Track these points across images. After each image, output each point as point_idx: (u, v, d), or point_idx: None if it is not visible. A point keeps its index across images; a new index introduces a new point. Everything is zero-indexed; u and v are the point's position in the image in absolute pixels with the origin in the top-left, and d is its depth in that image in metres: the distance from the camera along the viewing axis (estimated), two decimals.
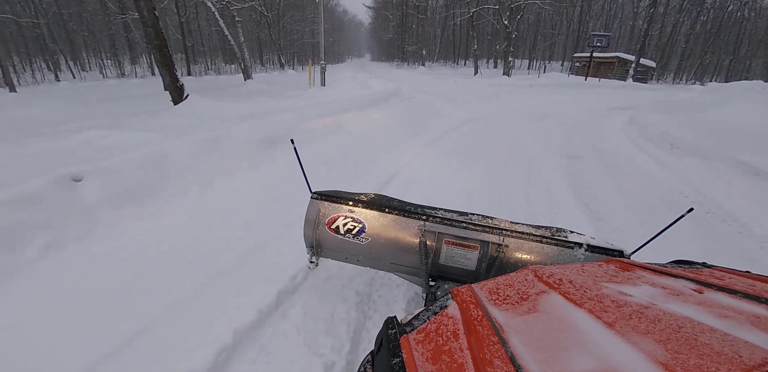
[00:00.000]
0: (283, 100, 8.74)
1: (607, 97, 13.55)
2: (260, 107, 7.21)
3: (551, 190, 4.34)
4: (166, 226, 2.94)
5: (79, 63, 28.18)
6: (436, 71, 33.50)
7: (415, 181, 4.47)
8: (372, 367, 0.82)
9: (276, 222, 3.08)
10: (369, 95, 8.98)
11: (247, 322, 1.96)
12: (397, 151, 5.71)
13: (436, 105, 9.89)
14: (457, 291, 0.92)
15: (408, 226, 1.71)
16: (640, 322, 0.62)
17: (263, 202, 3.48)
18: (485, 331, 0.68)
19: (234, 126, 4.62)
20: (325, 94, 10.07)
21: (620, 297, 0.73)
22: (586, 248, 1.55)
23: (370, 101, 8.22)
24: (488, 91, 14.28)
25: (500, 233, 1.61)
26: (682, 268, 0.99)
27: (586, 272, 0.92)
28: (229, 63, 31.05)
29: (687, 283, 0.81)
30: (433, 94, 12.11)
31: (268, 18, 29.14)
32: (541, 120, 9.25)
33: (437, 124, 8.15)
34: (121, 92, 15.75)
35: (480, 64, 28.90)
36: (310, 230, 1.83)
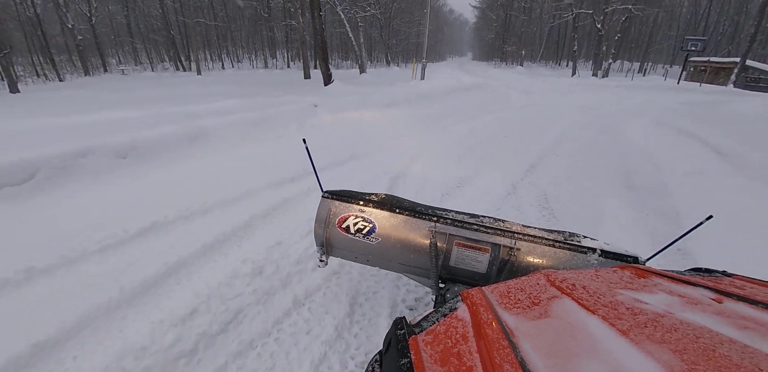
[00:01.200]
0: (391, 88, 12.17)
1: (675, 99, 13.83)
2: (378, 90, 10.72)
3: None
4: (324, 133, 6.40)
5: (236, 56, 36.07)
6: (534, 71, 34.23)
7: (477, 121, 7.39)
8: (380, 367, 0.83)
9: (383, 134, 6.32)
10: (456, 86, 11.94)
11: (292, 175, 5.15)
12: (468, 115, 8.55)
13: (509, 95, 12.36)
14: (467, 293, 0.90)
15: (418, 227, 1.71)
16: (655, 331, 0.60)
17: (371, 122, 6.77)
18: (495, 335, 0.67)
19: (369, 95, 8.09)
20: (423, 84, 13.27)
21: (635, 304, 0.70)
22: (600, 254, 1.52)
23: (457, 90, 11.20)
24: (566, 89, 15.88)
25: (512, 236, 1.60)
26: (700, 275, 0.96)
27: (600, 278, 0.89)
28: (345, 59, 36.24)
29: (706, 292, 0.78)
30: (515, 88, 14.40)
31: (381, 21, 33.41)
32: (586, 111, 10.63)
33: (502, 106, 10.70)
34: (271, 79, 21.04)
35: (585, 65, 28.94)
36: (320, 229, 1.83)
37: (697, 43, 16.38)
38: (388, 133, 6.24)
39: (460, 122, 7.64)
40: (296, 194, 3.49)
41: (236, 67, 33.24)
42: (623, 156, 5.35)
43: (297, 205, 3.28)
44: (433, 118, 7.82)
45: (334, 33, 37.14)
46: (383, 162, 4.65)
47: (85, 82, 22.21)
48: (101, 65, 28.73)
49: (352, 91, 9.47)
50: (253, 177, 3.78)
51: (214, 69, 31.01)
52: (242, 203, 3.24)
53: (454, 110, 8.98)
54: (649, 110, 10.40)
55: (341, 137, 5.77)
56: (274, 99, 7.91)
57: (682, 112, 9.18)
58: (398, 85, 13.28)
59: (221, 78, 21.87)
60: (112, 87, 17.51)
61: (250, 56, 37.62)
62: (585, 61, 36.95)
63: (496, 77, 22.24)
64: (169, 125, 4.77)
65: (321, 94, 9.76)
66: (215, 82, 17.81)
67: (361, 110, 7.50)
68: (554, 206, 3.51)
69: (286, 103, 7.13)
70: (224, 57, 34.63)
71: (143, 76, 25.71)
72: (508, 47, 39.72)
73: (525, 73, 29.95)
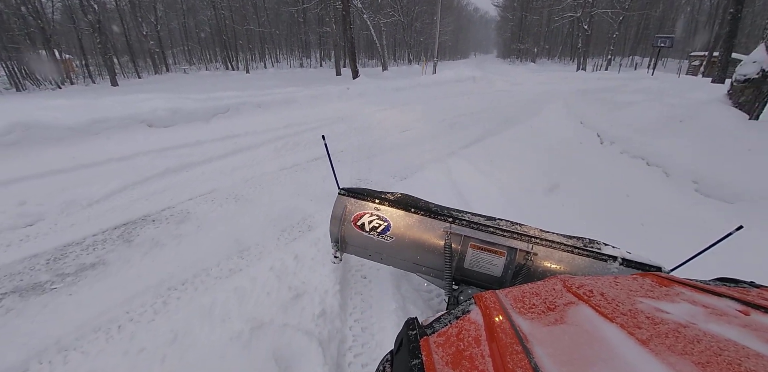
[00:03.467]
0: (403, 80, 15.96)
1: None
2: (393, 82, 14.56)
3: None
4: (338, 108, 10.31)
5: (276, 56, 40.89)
6: (545, 67, 36.92)
7: (455, 98, 11.09)
8: (391, 367, 0.83)
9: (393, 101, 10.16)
10: (455, 77, 15.64)
11: (339, 116, 9.05)
12: (450, 95, 12.24)
13: (496, 84, 15.91)
14: (480, 296, 0.89)
15: (433, 228, 1.71)
16: (677, 342, 0.58)
17: (383, 96, 10.64)
18: (508, 340, 0.65)
19: (384, 84, 11.95)
20: (428, 78, 17.00)
21: (656, 313, 0.68)
22: (621, 262, 1.48)
23: (453, 81, 14.91)
24: (549, 81, 19.10)
25: (529, 240, 1.58)
26: (726, 286, 0.94)
27: (620, 285, 0.86)
28: (370, 59, 40.23)
29: (731, 303, 0.75)
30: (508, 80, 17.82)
31: (404, 23, 37.13)
32: (536, 94, 13.82)
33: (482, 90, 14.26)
34: (308, 76, 25.28)
35: (597, 62, 31.60)
36: (335, 226, 1.85)
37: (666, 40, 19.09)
38: (391, 104, 10.12)
39: (440, 99, 11.37)
40: (341, 120, 7.41)
41: (276, 66, 38.01)
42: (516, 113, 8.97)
43: (341, 123, 7.20)
44: (423, 97, 11.61)
45: (360, 35, 41.15)
46: (384, 115, 8.53)
47: (160, 79, 27.36)
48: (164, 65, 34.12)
49: (373, 82, 13.40)
50: (321, 116, 7.77)
51: (258, 68, 35.86)
52: (324, 121, 7.20)
53: (441, 94, 12.73)
54: (580, 90, 13.79)
55: (365, 102, 9.74)
56: (319, 87, 11.91)
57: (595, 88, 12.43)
58: (409, 79, 17.12)
59: (267, 75, 26.46)
60: (187, 82, 22.34)
61: (287, 57, 42.37)
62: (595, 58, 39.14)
63: (504, 72, 25.50)
64: (271, 96, 8.84)
65: (351, 84, 13.73)
66: (264, 78, 22.28)
67: (377, 93, 11.38)
68: (457, 126, 7.24)
69: (328, 89, 11.11)
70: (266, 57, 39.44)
71: (200, 74, 30.78)
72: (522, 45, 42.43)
73: (535, 70, 32.84)
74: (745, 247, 2.27)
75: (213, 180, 3.90)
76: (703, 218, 2.96)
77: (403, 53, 47.06)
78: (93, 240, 2.69)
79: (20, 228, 2.88)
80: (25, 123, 5.02)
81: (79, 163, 4.23)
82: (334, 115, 7.93)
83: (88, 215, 3.07)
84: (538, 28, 41.80)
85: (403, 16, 33.37)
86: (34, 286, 2.19)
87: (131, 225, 2.91)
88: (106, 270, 2.35)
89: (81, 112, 5.86)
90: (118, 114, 5.97)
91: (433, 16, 46.22)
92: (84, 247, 2.61)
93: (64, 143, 5.05)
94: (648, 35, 37.95)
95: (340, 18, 15.68)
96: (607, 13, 23.40)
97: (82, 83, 25.69)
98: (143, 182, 3.75)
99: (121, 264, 2.41)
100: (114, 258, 2.47)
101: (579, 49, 30.20)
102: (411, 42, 42.18)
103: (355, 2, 23.36)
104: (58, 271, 2.33)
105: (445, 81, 14.92)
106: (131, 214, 3.09)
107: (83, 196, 3.33)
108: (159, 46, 33.45)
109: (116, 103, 6.64)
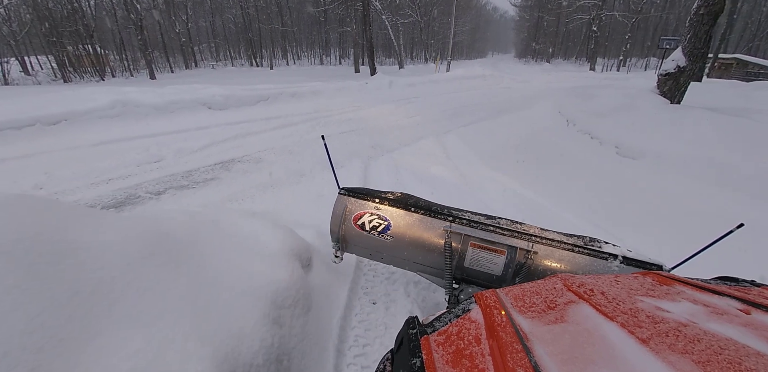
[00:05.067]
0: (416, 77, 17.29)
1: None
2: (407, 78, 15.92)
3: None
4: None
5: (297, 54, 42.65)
6: (559, 67, 37.66)
7: (460, 93, 12.41)
8: (392, 366, 0.84)
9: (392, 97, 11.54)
10: (465, 75, 16.91)
11: (359, 105, 10.44)
12: (456, 90, 13.53)
13: (503, 82, 17.10)
14: (481, 295, 0.90)
15: (433, 227, 1.72)
16: (677, 341, 0.58)
17: (397, 90, 12.01)
18: (509, 338, 0.66)
19: (398, 80, 13.34)
20: (439, 75, 18.29)
21: (657, 312, 0.69)
22: (622, 260, 1.50)
23: (462, 78, 16.19)
24: (555, 79, 20.13)
25: (529, 239, 1.60)
26: (727, 285, 0.95)
27: (620, 284, 0.87)
28: (388, 57, 41.58)
29: (732, 302, 0.76)
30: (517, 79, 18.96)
31: (421, 23, 38.35)
32: (535, 90, 15.07)
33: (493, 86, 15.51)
34: (328, 73, 26.82)
35: (610, 63, 32.31)
36: (336, 225, 1.87)
37: (671, 42, 19.81)
38: (403, 96, 11.51)
39: (448, 93, 12.69)
40: (360, 108, 8.83)
41: (297, 63, 39.82)
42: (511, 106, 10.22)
43: (360, 110, 8.61)
44: (432, 92, 12.95)
45: (379, 34, 42.51)
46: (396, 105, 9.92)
47: (191, 73, 29.36)
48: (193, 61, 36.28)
49: (388, 78, 14.80)
50: (343, 104, 9.22)
51: (281, 65, 37.71)
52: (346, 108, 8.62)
53: (450, 89, 14.04)
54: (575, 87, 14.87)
55: (381, 95, 11.15)
56: (341, 82, 13.38)
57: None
58: (422, 76, 18.44)
59: (290, 71, 28.20)
60: (217, 76, 24.18)
61: (308, 54, 44.14)
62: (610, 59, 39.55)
63: (516, 71, 26.55)
64: (301, 89, 10.34)
65: (369, 80, 15.16)
66: (288, 74, 23.96)
67: (392, 88, 12.77)
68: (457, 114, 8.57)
69: (348, 83, 12.56)
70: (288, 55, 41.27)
71: (227, 69, 32.75)
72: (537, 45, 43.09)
73: (548, 69, 33.68)
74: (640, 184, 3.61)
75: (271, 142, 5.40)
76: (615, 169, 4.28)
77: (420, 52, 48.24)
78: (205, 169, 4.21)
79: (152, 162, 4.41)
80: (123, 100, 6.64)
81: (173, 130, 5.80)
82: (353, 104, 9.39)
83: (195, 157, 4.59)
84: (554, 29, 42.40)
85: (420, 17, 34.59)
86: (182, 187, 3.71)
87: (227, 163, 4.42)
88: (220, 182, 3.86)
89: (154, 96, 7.46)
90: (187, 97, 7.55)
91: (449, 16, 47.29)
92: (201, 172, 4.13)
93: (150, 117, 6.64)
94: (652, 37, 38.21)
95: (360, 18, 17.16)
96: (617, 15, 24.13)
97: (122, 76, 27.89)
98: (223, 142, 5.28)
99: (229, 179, 3.92)
100: (223, 176, 3.99)
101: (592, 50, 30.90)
102: (428, 41, 43.36)
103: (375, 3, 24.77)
104: (193, 180, 3.85)
105: (455, 78, 16.21)
106: (223, 157, 4.60)
107: (186, 147, 4.87)
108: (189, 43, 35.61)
109: (178, 90, 8.23)
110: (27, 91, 12.83)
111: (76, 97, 6.69)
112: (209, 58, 42.53)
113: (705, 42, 4.91)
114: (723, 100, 7.25)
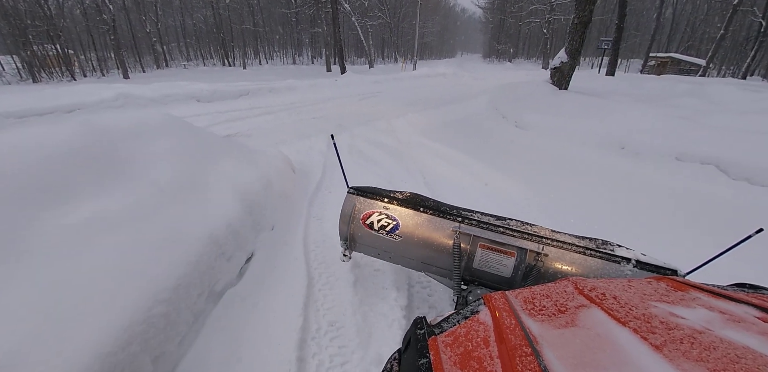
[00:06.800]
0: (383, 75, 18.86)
1: None
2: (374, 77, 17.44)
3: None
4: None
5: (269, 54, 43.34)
6: (519, 66, 40.37)
7: (418, 88, 14.04)
8: (399, 365, 0.84)
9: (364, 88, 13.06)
10: (429, 73, 18.64)
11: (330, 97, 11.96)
12: (415, 86, 15.18)
13: (463, 79, 18.95)
14: (489, 297, 0.89)
15: (442, 227, 1.72)
16: (692, 348, 0.57)
17: (364, 86, 13.53)
18: (518, 341, 0.65)
19: (366, 77, 14.83)
20: (407, 73, 19.97)
21: (671, 318, 0.67)
22: (635, 264, 1.48)
23: (426, 76, 17.89)
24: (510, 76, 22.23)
25: (540, 241, 1.59)
26: (745, 291, 0.92)
27: (633, 288, 0.85)
28: (359, 57, 43.00)
29: (750, 310, 0.74)
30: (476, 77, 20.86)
31: (391, 25, 40.04)
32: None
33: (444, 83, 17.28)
34: (301, 72, 27.95)
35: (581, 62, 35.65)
36: (344, 224, 1.89)
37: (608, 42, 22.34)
38: (369, 91, 13.04)
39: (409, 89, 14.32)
40: (330, 100, 10.25)
41: (270, 63, 40.57)
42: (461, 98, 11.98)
43: (330, 102, 10.05)
44: (395, 88, 14.56)
45: (350, 35, 43.88)
46: (361, 98, 11.43)
47: (163, 73, 29.72)
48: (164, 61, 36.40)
49: (357, 76, 16.33)
50: (316, 98, 10.63)
51: (253, 64, 38.38)
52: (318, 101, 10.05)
53: (411, 86, 15.71)
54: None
55: (349, 90, 12.62)
56: (313, 80, 14.75)
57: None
58: (389, 74, 20.05)
59: (263, 71, 29.14)
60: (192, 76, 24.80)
61: (280, 54, 44.90)
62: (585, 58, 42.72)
63: (477, 70, 28.64)
64: (277, 85, 11.65)
65: (339, 77, 16.61)
66: (262, 74, 24.98)
67: (359, 84, 14.26)
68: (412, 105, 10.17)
69: (320, 81, 13.96)
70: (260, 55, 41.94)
71: (200, 69, 33.22)
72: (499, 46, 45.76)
73: (509, 68, 36.17)
74: None
75: (257, 124, 6.79)
76: (512, 136, 5.96)
77: (390, 52, 49.95)
78: None
79: None
80: (125, 94, 7.82)
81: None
82: (325, 97, 10.84)
83: None
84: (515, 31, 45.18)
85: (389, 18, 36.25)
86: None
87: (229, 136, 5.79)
88: None
89: (149, 90, 8.63)
90: (179, 92, 8.76)
91: (415, 18, 49.32)
92: None
93: (150, 108, 7.84)
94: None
95: (331, 20, 18.59)
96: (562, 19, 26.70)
97: (92, 76, 27.97)
98: (216, 124, 6.62)
99: None
100: None
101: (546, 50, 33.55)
102: (398, 42, 45.12)
103: (345, 5, 26.16)
104: None
105: (419, 76, 17.93)
106: (225, 132, 5.96)
107: None
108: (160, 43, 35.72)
109: (164, 87, 9.40)
110: (12, 90, 13.46)
111: (77, 92, 7.78)
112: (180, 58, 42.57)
113: (580, 43, 6.67)
114: (609, 87, 9.20)
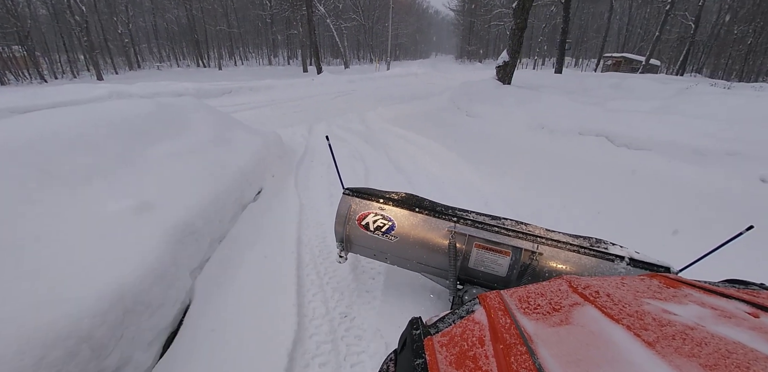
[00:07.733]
0: (357, 75, 19.87)
1: None
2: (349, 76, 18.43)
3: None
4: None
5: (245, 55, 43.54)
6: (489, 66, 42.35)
7: (390, 86, 15.14)
8: (395, 366, 0.84)
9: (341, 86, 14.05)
10: (401, 73, 19.81)
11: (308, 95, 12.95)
12: (386, 85, 16.29)
13: (432, 78, 20.22)
14: (484, 296, 0.90)
15: (438, 227, 1.72)
16: (684, 344, 0.58)
17: (339, 85, 14.53)
18: (513, 340, 0.66)
19: (341, 77, 15.81)
20: (381, 73, 21.07)
21: (663, 315, 0.68)
22: (628, 262, 1.50)
23: (398, 76, 19.03)
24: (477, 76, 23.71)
25: (534, 240, 1.60)
26: (736, 288, 0.94)
27: (626, 286, 0.86)
28: (335, 57, 43.82)
29: (741, 305, 0.75)
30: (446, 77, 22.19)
31: (365, 27, 41.12)
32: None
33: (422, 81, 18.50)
34: (277, 72, 28.56)
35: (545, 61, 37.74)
36: (340, 225, 1.88)
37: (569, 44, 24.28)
38: (343, 89, 14.05)
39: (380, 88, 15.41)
40: (307, 97, 11.19)
41: (245, 64, 40.81)
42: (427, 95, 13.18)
43: (308, 99, 10.99)
44: (368, 87, 15.62)
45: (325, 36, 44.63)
46: (336, 95, 12.41)
47: (138, 75, 29.62)
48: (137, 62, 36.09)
49: (332, 76, 17.30)
50: (294, 96, 11.53)
51: (229, 65, 38.54)
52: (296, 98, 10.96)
53: (383, 85, 16.81)
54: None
55: (325, 88, 13.58)
56: (290, 79, 15.62)
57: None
58: (363, 74, 21.10)
59: (239, 72, 29.57)
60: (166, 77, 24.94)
61: (255, 55, 45.13)
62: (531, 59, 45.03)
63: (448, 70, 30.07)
64: (257, 84, 12.46)
65: (315, 77, 17.51)
66: (238, 74, 25.48)
67: (335, 83, 15.23)
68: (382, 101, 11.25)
69: (297, 80, 14.84)
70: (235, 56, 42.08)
71: (174, 70, 33.20)
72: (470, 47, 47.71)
73: (479, 68, 37.93)
74: None
75: (243, 117, 7.62)
76: (463, 123, 7.11)
77: (365, 53, 51.03)
78: None
79: None
80: (118, 91, 8.52)
81: None
82: (302, 95, 11.78)
83: None
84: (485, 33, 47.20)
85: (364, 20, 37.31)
86: None
87: None
88: None
89: (137, 89, 9.32)
90: (164, 90, 9.49)
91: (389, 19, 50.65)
92: None
93: None
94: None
95: (306, 22, 19.45)
96: None
97: (63, 78, 27.62)
98: None
99: None
100: None
101: None
102: (372, 43, 46.25)
103: (319, 8, 26.98)
104: None
105: (391, 76, 19.08)
106: None
107: None
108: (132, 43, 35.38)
109: (148, 86, 10.09)
110: None
111: (65, 91, 8.35)
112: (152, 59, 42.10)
113: (519, 45, 7.96)
114: (548, 82, 10.59)
